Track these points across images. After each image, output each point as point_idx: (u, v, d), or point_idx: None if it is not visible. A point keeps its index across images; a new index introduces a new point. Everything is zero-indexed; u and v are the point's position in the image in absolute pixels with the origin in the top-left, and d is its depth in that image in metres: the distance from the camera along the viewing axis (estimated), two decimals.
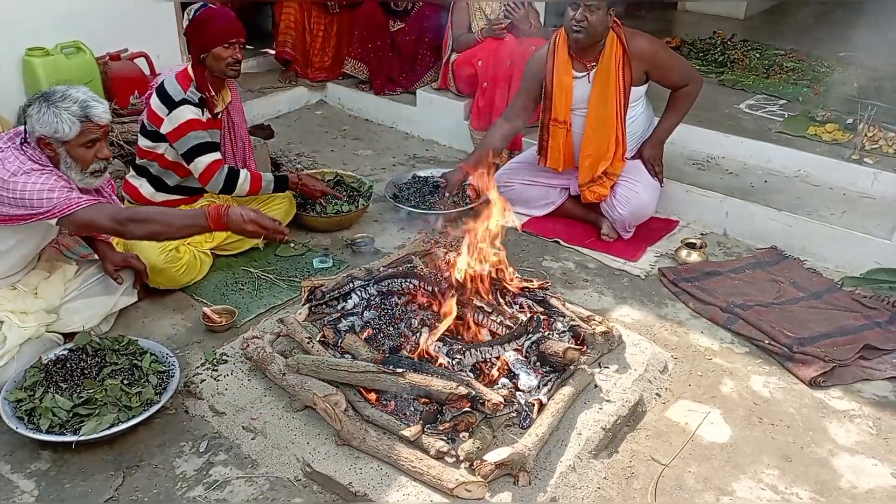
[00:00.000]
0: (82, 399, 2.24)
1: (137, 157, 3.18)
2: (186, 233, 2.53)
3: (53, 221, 2.34)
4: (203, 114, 3.05)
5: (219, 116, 3.18)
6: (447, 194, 3.70)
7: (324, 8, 5.03)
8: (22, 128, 2.42)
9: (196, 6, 3.02)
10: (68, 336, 2.60)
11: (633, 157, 3.52)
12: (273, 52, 5.31)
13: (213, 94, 3.10)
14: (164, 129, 2.99)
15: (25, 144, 2.38)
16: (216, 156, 3.06)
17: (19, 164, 2.32)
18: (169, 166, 3.11)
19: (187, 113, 2.98)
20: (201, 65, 3.03)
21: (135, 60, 4.24)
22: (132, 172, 3.21)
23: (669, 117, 3.50)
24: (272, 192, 3.29)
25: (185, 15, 4.36)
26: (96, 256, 2.83)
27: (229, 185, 3.10)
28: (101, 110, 2.39)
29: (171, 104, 2.98)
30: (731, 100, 4.75)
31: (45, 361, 2.39)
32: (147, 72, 4.26)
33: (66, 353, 2.43)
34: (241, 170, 3.15)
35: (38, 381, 2.31)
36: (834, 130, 4.12)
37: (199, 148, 3.01)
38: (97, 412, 2.22)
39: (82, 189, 2.44)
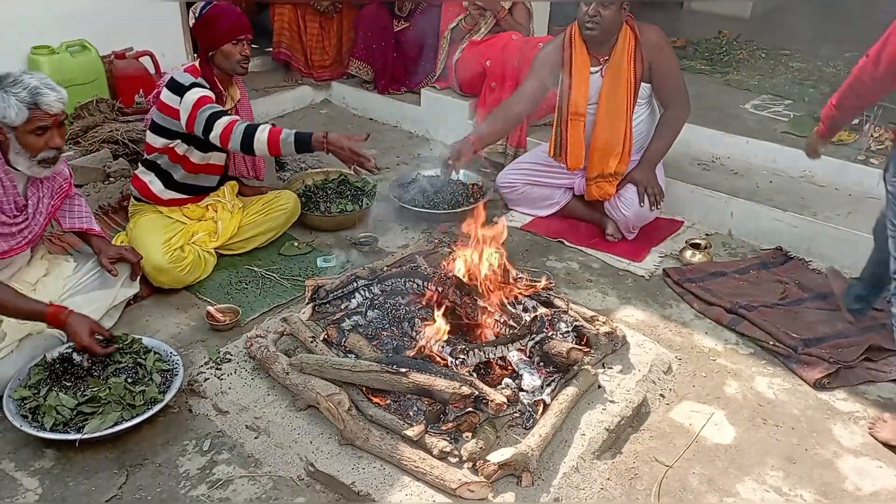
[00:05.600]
0: (86, 397, 2.24)
1: (146, 153, 3.18)
2: (20, 316, 2.42)
3: None
4: (211, 94, 2.99)
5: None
6: (451, 162, 3.44)
7: (316, 8, 5.03)
8: None
9: (202, 4, 3.01)
10: None
11: (629, 173, 3.49)
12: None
13: (223, 90, 3.10)
14: (182, 120, 2.92)
15: None
16: (229, 118, 2.88)
17: None
18: (177, 160, 3.10)
19: (197, 92, 2.92)
20: (209, 62, 3.03)
21: (140, 59, 4.25)
22: (141, 168, 3.21)
23: (657, 141, 3.46)
24: (295, 151, 2.90)
25: (192, 13, 4.37)
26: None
27: (248, 140, 2.83)
28: (53, 98, 2.32)
29: (181, 90, 2.93)
30: (736, 100, 4.73)
31: (50, 360, 2.39)
32: (152, 70, 4.27)
33: (70, 351, 2.43)
34: (256, 123, 2.90)
35: (43, 378, 2.32)
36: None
37: (213, 118, 2.87)
38: (101, 410, 2.23)
39: (28, 182, 2.43)
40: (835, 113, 2.69)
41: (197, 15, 2.97)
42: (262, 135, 2.82)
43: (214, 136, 2.87)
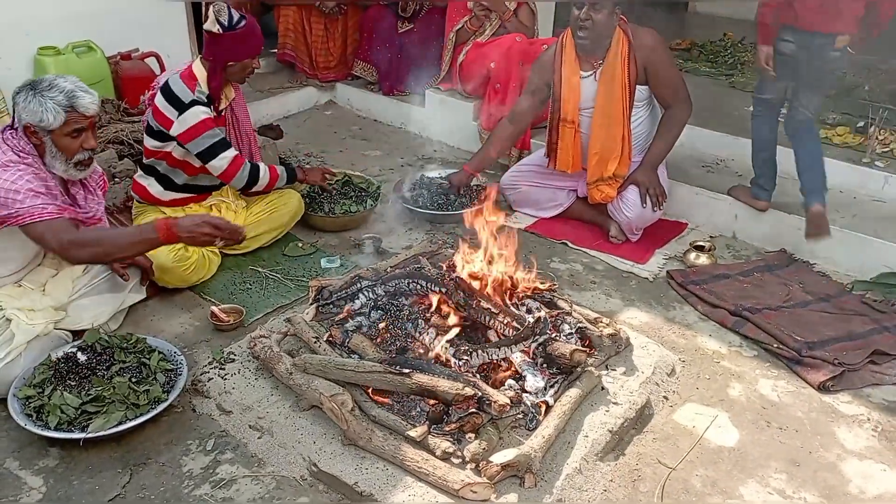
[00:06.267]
0: (90, 396, 2.25)
1: (144, 157, 3.19)
2: (135, 250, 2.47)
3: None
4: (211, 112, 3.06)
5: (223, 113, 3.19)
6: (453, 196, 3.71)
7: (320, 10, 5.05)
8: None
9: (224, 11, 2.98)
10: (77, 333, 2.61)
11: (631, 175, 3.49)
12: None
13: (220, 93, 3.12)
14: (174, 131, 2.99)
15: (12, 132, 2.38)
16: (234, 152, 3.10)
17: (0, 153, 2.33)
18: (177, 165, 3.12)
19: (199, 114, 2.98)
20: (223, 70, 3.05)
21: (145, 60, 4.26)
22: (140, 172, 3.23)
23: (659, 142, 3.44)
24: (285, 184, 3.36)
25: (213, 17, 4.35)
26: None
27: (252, 179, 3.17)
28: (88, 101, 2.38)
29: (180, 106, 2.97)
30: (740, 102, 4.73)
31: (54, 359, 2.40)
32: (158, 71, 4.28)
33: (74, 350, 2.44)
34: (258, 163, 3.23)
35: (47, 378, 2.32)
36: (845, 133, 4.10)
37: (216, 147, 3.02)
38: (105, 410, 2.23)
39: (68, 183, 2.44)
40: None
41: (227, 25, 2.95)
42: (264, 176, 3.22)
43: (214, 167, 3.07)
